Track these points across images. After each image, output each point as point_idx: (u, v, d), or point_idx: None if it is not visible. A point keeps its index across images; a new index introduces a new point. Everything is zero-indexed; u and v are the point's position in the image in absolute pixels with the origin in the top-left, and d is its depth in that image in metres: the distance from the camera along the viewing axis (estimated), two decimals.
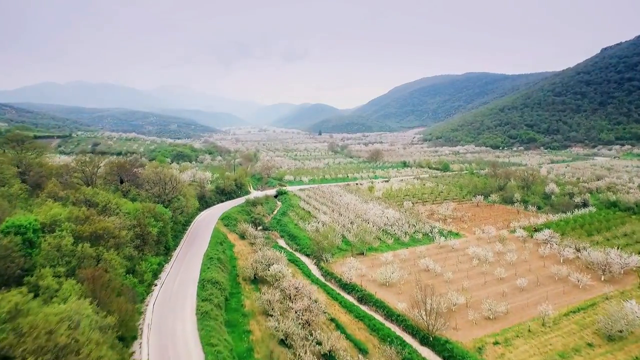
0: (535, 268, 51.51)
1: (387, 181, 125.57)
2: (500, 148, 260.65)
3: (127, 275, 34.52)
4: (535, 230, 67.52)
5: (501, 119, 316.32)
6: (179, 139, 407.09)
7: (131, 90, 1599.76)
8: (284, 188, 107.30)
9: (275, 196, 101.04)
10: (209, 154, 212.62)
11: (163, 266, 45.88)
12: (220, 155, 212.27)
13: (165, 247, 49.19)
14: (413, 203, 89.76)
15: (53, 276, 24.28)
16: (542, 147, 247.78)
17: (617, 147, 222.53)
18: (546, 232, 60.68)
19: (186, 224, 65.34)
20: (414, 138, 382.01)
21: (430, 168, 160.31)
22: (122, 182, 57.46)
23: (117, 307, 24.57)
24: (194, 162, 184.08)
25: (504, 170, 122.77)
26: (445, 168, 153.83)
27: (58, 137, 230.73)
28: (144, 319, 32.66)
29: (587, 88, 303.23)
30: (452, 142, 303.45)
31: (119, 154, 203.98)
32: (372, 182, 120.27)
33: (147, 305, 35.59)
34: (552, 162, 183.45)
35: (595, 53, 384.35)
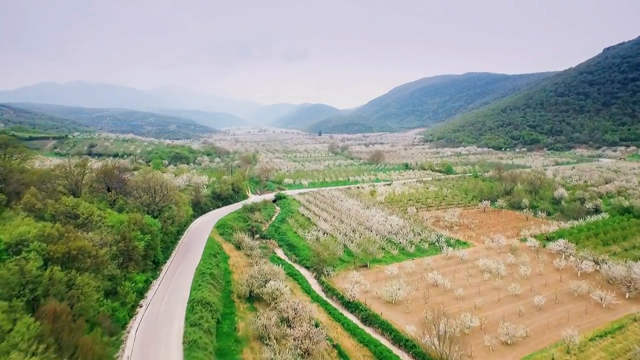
0: (552, 282, 47.99)
1: (390, 184, 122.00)
2: (503, 149, 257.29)
3: (106, 300, 30.90)
4: (547, 239, 64.06)
5: (503, 120, 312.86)
6: (178, 139, 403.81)
7: (131, 90, 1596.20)
8: (283, 192, 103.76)
9: (274, 201, 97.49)
10: (208, 155, 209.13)
11: (151, 283, 42.24)
12: (219, 157, 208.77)
13: (154, 262, 45.60)
14: (417, 209, 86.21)
15: (7, 311, 20.74)
16: (545, 148, 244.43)
17: (622, 148, 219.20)
18: (560, 243, 57.11)
19: (179, 232, 61.74)
20: (414, 139, 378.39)
21: (432, 170, 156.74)
22: (109, 190, 53.79)
23: (85, 348, 21.05)
24: (191, 164, 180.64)
25: (509, 173, 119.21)
26: (448, 170, 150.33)
27: (54, 138, 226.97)
28: (123, 350, 29.11)
29: (590, 88, 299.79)
30: (453, 143, 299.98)
31: (115, 155, 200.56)
32: (373, 186, 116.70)
33: (128, 332, 32.02)
34: (557, 163, 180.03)
35: (597, 53, 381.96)
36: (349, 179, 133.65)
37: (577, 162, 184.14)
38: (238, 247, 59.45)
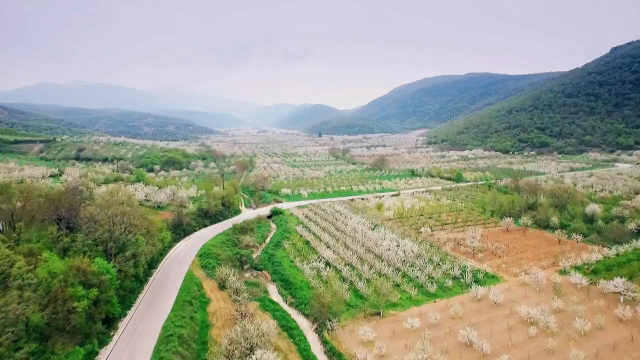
0: (622, 343, 37.37)
1: (397, 195, 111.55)
2: (511, 153, 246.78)
3: None
4: (593, 272, 53.62)
5: (510, 122, 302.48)
6: (175, 140, 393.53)
7: (131, 90, 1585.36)
8: (279, 206, 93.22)
9: (269, 216, 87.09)
10: (202, 159, 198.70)
11: (96, 355, 31.61)
12: (214, 161, 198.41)
13: (106, 320, 35.06)
14: (432, 228, 75.72)
15: None
16: (555, 152, 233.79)
17: (638, 152, 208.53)
18: (618, 282, 46.49)
19: (151, 267, 51.26)
20: (417, 140, 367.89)
21: (441, 178, 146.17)
22: (59, 221, 43.02)
23: None
24: (185, 169, 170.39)
25: (527, 182, 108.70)
26: (458, 178, 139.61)
27: (41, 141, 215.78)
28: None
29: (600, 89, 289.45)
30: (458, 146, 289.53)
31: (105, 160, 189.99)
32: (379, 197, 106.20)
33: None
34: (572, 169, 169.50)
35: (599, 53, 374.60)
36: (352, 189, 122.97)
37: (592, 168, 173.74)
38: (222, 285, 48.86)
